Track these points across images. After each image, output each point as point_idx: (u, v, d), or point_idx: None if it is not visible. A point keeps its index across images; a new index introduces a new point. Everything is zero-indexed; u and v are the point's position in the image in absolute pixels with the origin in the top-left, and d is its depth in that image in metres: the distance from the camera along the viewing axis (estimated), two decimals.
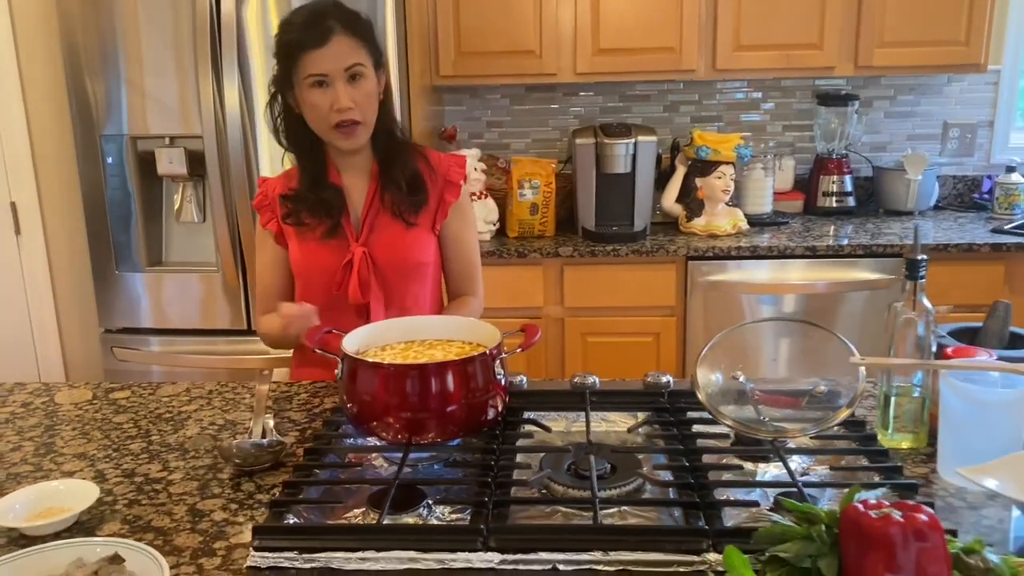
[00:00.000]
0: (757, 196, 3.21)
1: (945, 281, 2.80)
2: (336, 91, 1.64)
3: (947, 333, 1.51)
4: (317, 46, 1.63)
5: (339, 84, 1.64)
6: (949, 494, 1.22)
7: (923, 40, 2.99)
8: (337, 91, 1.64)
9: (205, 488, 1.27)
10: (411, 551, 1.06)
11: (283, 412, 1.55)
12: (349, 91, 1.64)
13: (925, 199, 3.24)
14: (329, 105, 1.64)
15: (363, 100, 1.67)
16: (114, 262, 2.80)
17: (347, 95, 1.64)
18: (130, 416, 1.55)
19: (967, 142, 3.40)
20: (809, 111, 3.40)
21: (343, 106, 1.64)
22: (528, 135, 3.48)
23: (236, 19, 2.58)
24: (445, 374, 1.26)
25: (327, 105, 1.64)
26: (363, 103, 1.67)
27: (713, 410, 1.33)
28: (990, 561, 0.89)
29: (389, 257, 1.75)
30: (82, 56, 2.68)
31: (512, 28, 3.03)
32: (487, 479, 1.20)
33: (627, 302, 2.94)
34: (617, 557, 1.04)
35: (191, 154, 2.70)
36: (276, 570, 1.05)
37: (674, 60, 3.04)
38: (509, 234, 3.11)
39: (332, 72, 1.63)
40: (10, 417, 1.56)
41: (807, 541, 0.90)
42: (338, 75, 1.64)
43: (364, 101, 1.67)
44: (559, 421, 1.46)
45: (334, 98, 1.64)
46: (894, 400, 1.36)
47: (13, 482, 1.30)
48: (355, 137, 1.69)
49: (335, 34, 1.63)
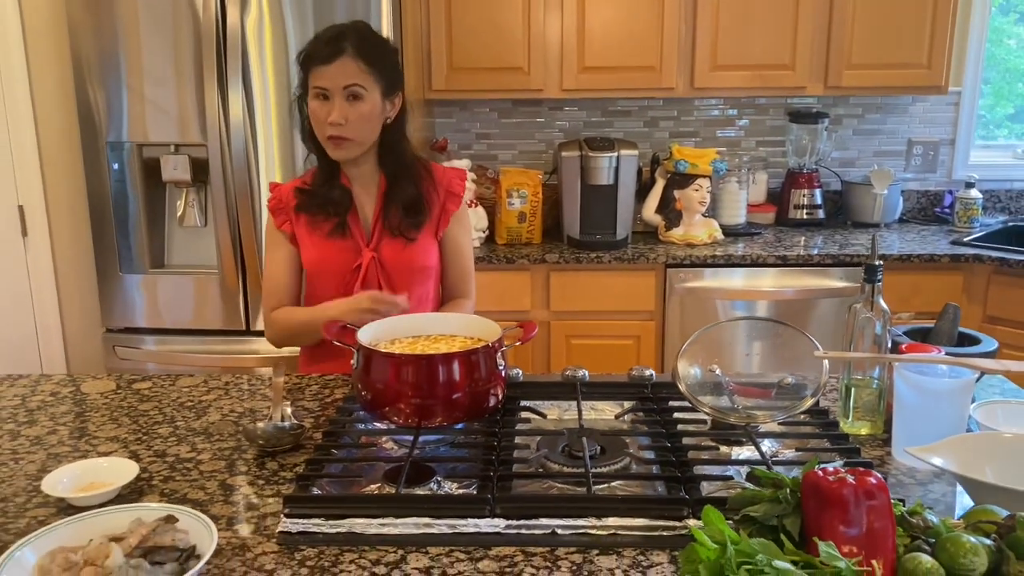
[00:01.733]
0: (732, 208, 3.38)
1: (907, 289, 2.98)
2: (332, 105, 1.78)
3: (902, 332, 1.67)
4: (325, 62, 1.77)
5: (337, 100, 1.78)
6: (901, 472, 1.37)
7: (888, 63, 3.18)
8: (333, 106, 1.78)
9: (232, 467, 1.40)
10: (426, 517, 1.19)
11: (297, 401, 1.68)
12: (344, 108, 1.78)
13: (890, 212, 3.43)
14: (324, 116, 1.79)
15: (356, 119, 1.80)
16: (118, 264, 2.90)
17: (341, 111, 1.78)
18: (154, 404, 1.67)
19: (930, 159, 3.59)
20: (782, 128, 3.58)
21: (333, 120, 1.78)
22: (515, 147, 3.63)
23: (240, 30, 2.71)
24: (452, 364, 1.39)
25: (323, 116, 1.79)
26: (356, 122, 1.80)
27: (692, 399, 1.47)
28: (930, 520, 1.04)
29: (396, 262, 1.89)
30: (90, 65, 2.79)
31: (502, 46, 3.18)
32: (491, 457, 1.34)
33: (609, 306, 3.09)
34: (608, 523, 1.18)
35: (195, 161, 2.82)
36: (305, 534, 1.18)
37: (655, 78, 3.21)
38: (498, 241, 3.25)
39: (331, 88, 1.78)
40: (41, 405, 1.67)
41: (774, 503, 1.04)
42: (337, 91, 1.78)
43: (357, 120, 1.80)
44: (553, 409, 1.60)
45: (329, 111, 1.78)
46: (854, 391, 1.52)
47: (54, 461, 1.42)
48: (343, 150, 1.83)
49: (344, 55, 1.77)
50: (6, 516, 1.24)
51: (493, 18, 3.15)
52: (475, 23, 3.16)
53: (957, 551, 0.95)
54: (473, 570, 1.09)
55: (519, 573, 1.09)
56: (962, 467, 1.24)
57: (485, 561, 1.11)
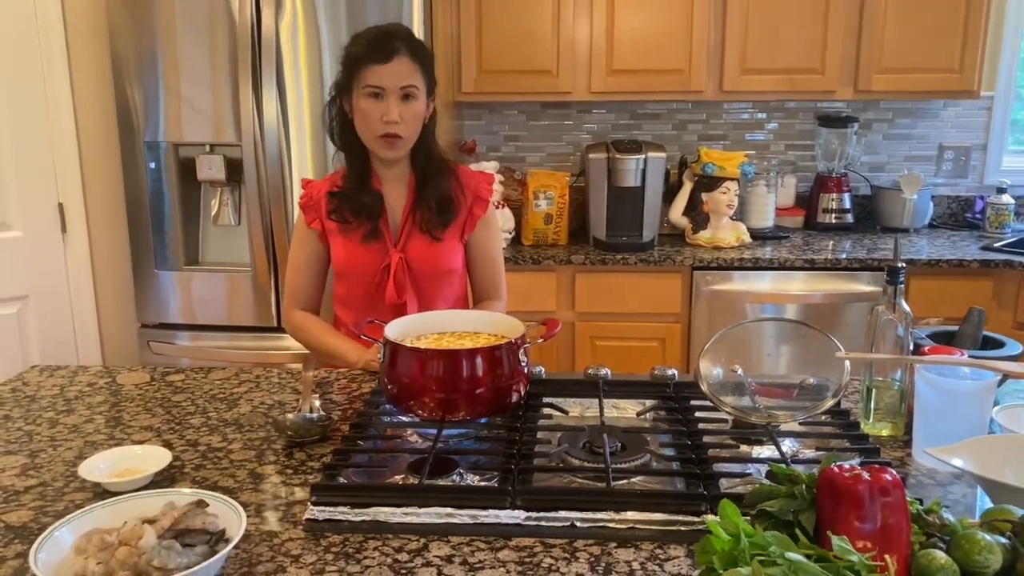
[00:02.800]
0: (760, 211, 3.38)
1: (936, 295, 2.96)
2: (388, 105, 1.81)
3: (926, 336, 1.67)
4: (381, 61, 1.81)
5: (392, 99, 1.82)
6: (921, 473, 1.38)
7: (920, 67, 3.16)
8: (390, 105, 1.81)
9: (262, 456, 1.43)
10: (448, 507, 1.22)
11: (325, 395, 1.72)
12: (400, 107, 1.82)
13: (920, 217, 3.41)
14: (379, 116, 1.82)
15: (410, 118, 1.84)
16: (153, 261, 2.97)
17: (397, 110, 1.81)
18: (187, 396, 1.72)
19: (961, 164, 3.57)
20: (811, 132, 3.57)
21: (392, 119, 1.81)
22: (543, 149, 3.65)
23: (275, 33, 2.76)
24: (475, 359, 1.42)
25: (377, 115, 1.82)
26: (410, 121, 1.84)
27: (714, 398, 1.49)
28: (946, 519, 1.05)
29: (422, 263, 1.92)
30: (128, 66, 2.86)
31: (531, 49, 3.21)
32: (512, 451, 1.37)
33: (635, 308, 3.10)
34: (627, 516, 1.20)
35: (229, 161, 2.88)
36: (331, 522, 1.21)
37: (683, 81, 3.22)
38: (524, 242, 3.28)
39: (388, 87, 1.81)
40: (79, 395, 1.72)
41: (790, 499, 1.06)
42: (393, 91, 1.81)
43: (411, 119, 1.85)
44: (575, 407, 1.62)
45: (385, 110, 1.81)
46: (875, 393, 1.52)
47: (91, 448, 1.47)
48: (396, 148, 1.87)
49: (399, 54, 1.81)
50: (45, 499, 1.28)
51: (522, 21, 3.19)
52: (504, 26, 3.19)
53: (971, 548, 0.96)
54: (493, 559, 1.12)
55: (538, 563, 1.11)
56: (981, 468, 1.24)
57: (505, 551, 1.14)
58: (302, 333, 1.99)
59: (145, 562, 0.99)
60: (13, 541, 1.16)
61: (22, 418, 1.60)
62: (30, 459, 1.42)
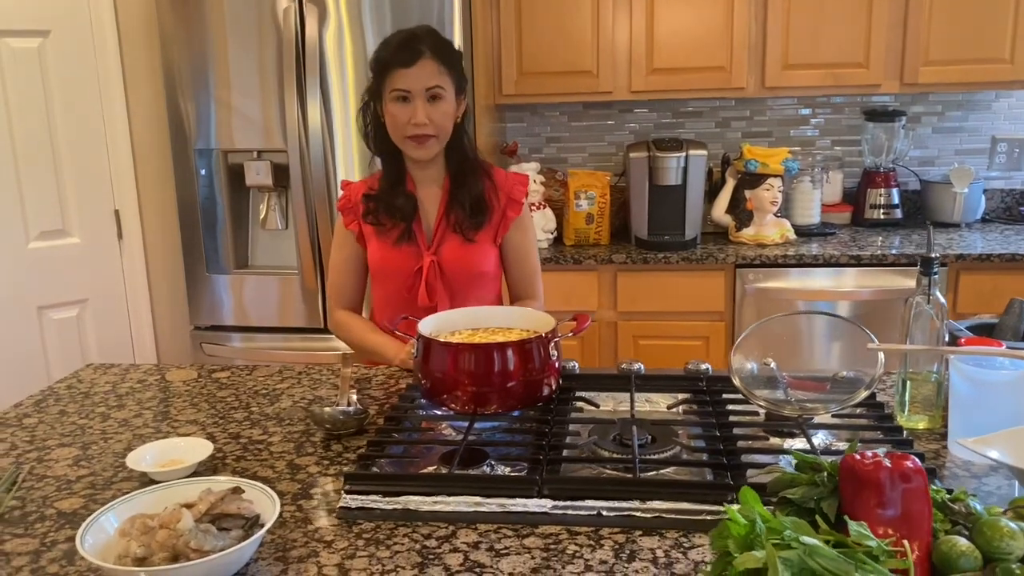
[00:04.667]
0: (805, 207, 3.34)
1: (988, 289, 2.90)
2: (415, 107, 1.85)
3: (965, 327, 1.64)
4: (405, 65, 1.84)
5: (419, 101, 1.85)
6: (956, 466, 1.36)
7: (968, 58, 3.10)
8: (416, 107, 1.85)
9: (300, 448, 1.48)
10: (477, 496, 1.24)
11: (363, 390, 1.76)
12: (427, 109, 1.85)
13: (971, 212, 3.33)
14: (407, 119, 1.85)
15: (439, 118, 1.87)
16: (205, 265, 3.07)
17: (424, 112, 1.85)
18: (231, 391, 1.78)
19: (1015, 156, 3.48)
20: (858, 126, 3.52)
21: (419, 121, 1.85)
22: (585, 150, 3.67)
23: (318, 42, 2.83)
24: (507, 353, 1.44)
25: (405, 118, 1.86)
26: (438, 121, 1.87)
27: (746, 391, 1.49)
28: (972, 507, 1.04)
29: (455, 266, 1.95)
30: (180, 76, 2.96)
31: (570, 50, 3.23)
32: (542, 443, 1.39)
33: (678, 307, 3.09)
34: (653, 506, 1.21)
35: (276, 167, 2.96)
36: (363, 510, 1.24)
37: (724, 79, 3.20)
38: (566, 242, 3.30)
39: (414, 90, 1.85)
40: (129, 391, 1.80)
41: (812, 486, 1.06)
42: (419, 93, 1.85)
43: (440, 119, 1.88)
44: (607, 400, 1.63)
45: (412, 113, 1.85)
46: (910, 385, 1.51)
47: (139, 440, 1.53)
48: (426, 148, 1.90)
49: (423, 57, 1.84)
50: (95, 488, 1.35)
51: (562, 23, 3.21)
52: (544, 28, 3.22)
53: (994, 535, 0.95)
54: (519, 546, 1.14)
55: (563, 550, 1.13)
56: (1017, 459, 1.23)
57: (531, 538, 1.16)
58: (344, 330, 2.04)
59: (183, 544, 1.04)
60: (64, 526, 1.23)
61: (76, 413, 1.67)
62: (82, 451, 1.49)
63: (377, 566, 1.10)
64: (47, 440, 1.54)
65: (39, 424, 1.62)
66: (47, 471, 1.41)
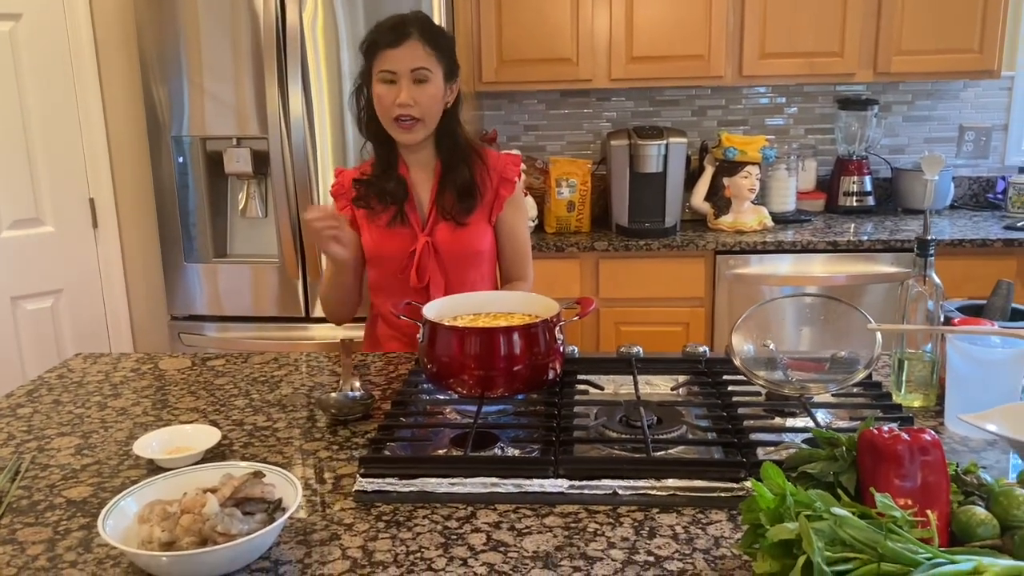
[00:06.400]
0: (781, 195, 3.39)
1: (959, 275, 2.96)
2: (400, 88, 1.85)
3: (955, 308, 1.69)
4: (392, 46, 1.84)
5: (404, 82, 1.85)
6: (955, 441, 1.40)
7: (939, 48, 3.17)
8: (401, 88, 1.85)
9: (307, 434, 1.47)
10: (493, 477, 1.25)
11: (364, 377, 1.75)
12: (413, 91, 1.85)
13: (941, 199, 3.41)
14: (392, 99, 1.85)
15: (425, 100, 1.87)
16: (182, 254, 3.02)
17: (408, 93, 1.85)
18: (228, 379, 1.76)
19: (982, 145, 3.57)
20: (831, 115, 3.58)
21: (403, 101, 1.85)
22: (563, 138, 3.68)
23: (299, 27, 2.80)
24: (512, 337, 1.45)
25: (391, 99, 1.86)
26: (424, 103, 1.87)
27: (747, 371, 1.51)
28: (983, 479, 1.07)
29: (450, 246, 1.95)
30: (155, 63, 2.91)
31: (550, 38, 3.23)
32: (552, 424, 1.40)
33: (658, 293, 3.12)
34: (668, 484, 1.23)
35: (256, 154, 2.92)
36: (380, 492, 1.24)
37: (703, 67, 3.23)
38: (547, 230, 3.31)
39: (400, 71, 1.85)
40: (123, 380, 1.77)
41: (831, 461, 1.09)
42: (404, 75, 1.85)
43: (426, 102, 1.87)
44: (609, 384, 1.65)
45: (397, 93, 1.85)
46: (906, 365, 1.54)
47: (141, 429, 1.51)
48: (412, 132, 1.90)
49: (410, 39, 1.84)
50: (102, 476, 1.33)
51: (542, 11, 3.21)
52: (524, 16, 3.22)
53: (1011, 504, 0.99)
54: (540, 525, 1.15)
55: (584, 528, 1.14)
56: (1015, 432, 1.27)
57: (551, 517, 1.17)
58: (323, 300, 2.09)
59: (209, 528, 1.03)
60: (76, 515, 1.21)
61: (71, 402, 1.64)
62: (83, 439, 1.47)
63: (401, 547, 1.10)
64: (45, 430, 1.52)
65: (34, 414, 1.59)
66: (50, 460, 1.39)
